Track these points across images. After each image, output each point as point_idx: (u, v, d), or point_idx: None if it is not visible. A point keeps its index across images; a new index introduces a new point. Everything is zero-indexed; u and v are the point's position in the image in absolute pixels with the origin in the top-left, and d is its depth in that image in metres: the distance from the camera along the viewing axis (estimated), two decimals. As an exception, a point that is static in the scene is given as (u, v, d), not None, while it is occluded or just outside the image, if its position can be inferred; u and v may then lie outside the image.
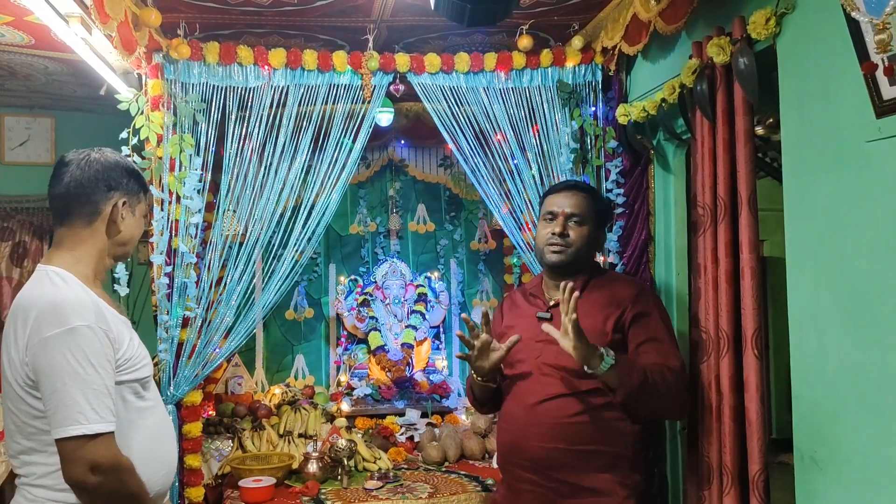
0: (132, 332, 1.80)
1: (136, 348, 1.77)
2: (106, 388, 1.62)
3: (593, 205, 2.41)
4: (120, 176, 1.81)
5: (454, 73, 3.10)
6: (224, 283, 2.95)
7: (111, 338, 1.66)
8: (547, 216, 2.40)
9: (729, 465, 2.18)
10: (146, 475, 1.71)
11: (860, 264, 1.72)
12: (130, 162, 1.89)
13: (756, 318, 2.12)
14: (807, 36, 1.91)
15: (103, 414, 1.60)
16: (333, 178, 3.04)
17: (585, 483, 2.21)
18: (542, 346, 2.28)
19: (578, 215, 2.36)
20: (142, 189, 1.88)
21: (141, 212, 1.88)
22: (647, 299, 2.34)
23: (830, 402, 1.84)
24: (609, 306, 2.30)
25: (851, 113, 1.73)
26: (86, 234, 1.78)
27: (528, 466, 2.27)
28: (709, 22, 2.36)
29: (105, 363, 1.63)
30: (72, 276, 1.72)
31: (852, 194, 1.75)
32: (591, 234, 2.39)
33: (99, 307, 1.68)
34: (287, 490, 3.02)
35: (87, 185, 1.76)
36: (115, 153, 1.86)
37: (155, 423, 1.80)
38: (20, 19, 2.75)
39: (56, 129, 4.46)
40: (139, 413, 1.75)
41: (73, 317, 1.61)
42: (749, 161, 2.14)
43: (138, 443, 1.73)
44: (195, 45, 2.87)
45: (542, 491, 2.24)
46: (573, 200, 2.38)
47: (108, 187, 1.78)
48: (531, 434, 2.25)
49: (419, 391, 4.00)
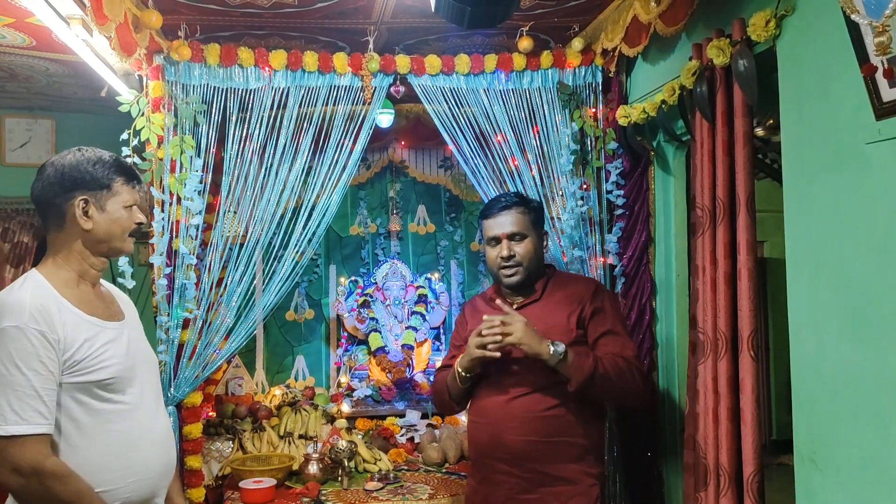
0: (103, 334, 1.74)
1: (97, 349, 1.71)
2: (34, 390, 1.60)
3: (528, 215, 2.48)
4: (80, 175, 1.77)
5: (454, 75, 3.10)
6: (224, 284, 2.95)
7: (51, 339, 1.63)
8: (491, 241, 2.50)
9: (726, 466, 2.18)
10: (108, 482, 1.68)
11: (859, 265, 1.73)
12: (97, 156, 1.82)
13: (752, 320, 2.12)
14: (806, 38, 1.91)
15: (27, 416, 1.58)
16: (334, 179, 3.05)
17: (556, 472, 2.34)
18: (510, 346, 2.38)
19: (519, 233, 2.45)
20: (110, 182, 1.80)
21: (118, 204, 1.81)
22: (603, 295, 2.48)
23: (830, 403, 1.84)
24: (570, 304, 2.43)
25: (851, 115, 1.74)
26: (61, 238, 1.79)
27: (505, 459, 2.37)
28: (708, 24, 2.36)
29: (37, 364, 1.61)
30: (42, 279, 1.72)
31: (852, 196, 1.75)
32: (535, 243, 2.48)
33: (46, 309, 1.65)
34: (287, 491, 3.02)
35: (47, 192, 1.77)
36: (82, 151, 1.82)
37: (126, 427, 1.75)
38: (21, 21, 2.75)
39: (56, 130, 4.46)
40: (103, 416, 1.71)
41: (5, 317, 1.61)
42: (748, 163, 2.15)
43: (100, 447, 1.69)
44: (196, 47, 2.87)
45: (517, 481, 2.36)
46: (509, 219, 2.46)
47: (67, 189, 1.76)
48: (507, 428, 2.36)
49: (419, 392, 3.99)
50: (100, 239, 1.80)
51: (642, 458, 2.99)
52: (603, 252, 3.09)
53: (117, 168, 1.83)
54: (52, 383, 1.63)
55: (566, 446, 2.34)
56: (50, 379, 1.62)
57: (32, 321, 1.62)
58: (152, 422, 1.84)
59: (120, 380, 1.75)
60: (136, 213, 1.87)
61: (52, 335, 1.64)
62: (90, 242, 1.80)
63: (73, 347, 1.67)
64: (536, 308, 2.44)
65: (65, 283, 1.75)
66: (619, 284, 3.05)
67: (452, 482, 3.06)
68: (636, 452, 3.00)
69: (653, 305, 3.01)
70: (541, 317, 2.39)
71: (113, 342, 1.76)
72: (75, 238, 1.78)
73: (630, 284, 3.03)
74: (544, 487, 2.33)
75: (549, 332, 2.32)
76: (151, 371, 1.93)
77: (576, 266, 3.04)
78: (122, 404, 1.75)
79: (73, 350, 1.67)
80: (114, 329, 1.79)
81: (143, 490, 1.77)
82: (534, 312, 2.40)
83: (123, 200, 1.83)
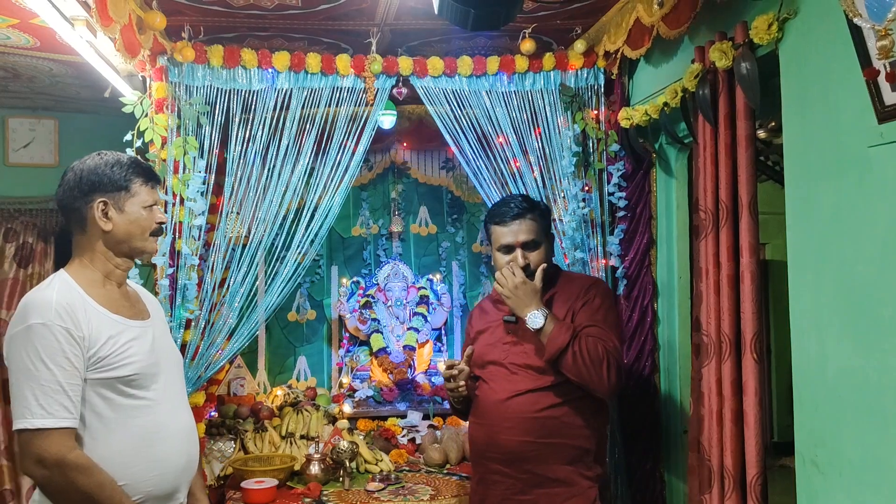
0: (127, 332, 1.79)
1: (120, 346, 1.76)
2: (60, 385, 1.65)
3: (539, 221, 2.45)
4: (98, 178, 1.82)
5: (457, 77, 3.11)
6: (227, 285, 2.96)
7: (76, 336, 1.69)
8: (502, 249, 2.45)
9: (730, 469, 2.19)
10: (129, 476, 1.72)
11: (861, 268, 1.73)
12: (115, 158, 1.87)
13: (755, 322, 2.12)
14: (809, 41, 1.91)
15: (52, 410, 1.63)
16: (336, 180, 3.06)
17: (552, 474, 2.32)
18: (510, 346, 2.43)
19: (533, 241, 2.42)
20: (128, 183, 1.84)
21: (137, 205, 1.86)
22: (596, 290, 2.46)
23: (831, 406, 1.84)
24: (568, 301, 2.44)
25: (853, 118, 1.74)
26: (84, 240, 1.85)
27: (501, 459, 2.37)
28: (711, 27, 2.36)
29: (63, 360, 1.66)
30: (69, 279, 1.78)
31: (853, 199, 1.75)
32: (547, 248, 2.47)
33: (71, 307, 1.70)
34: (289, 492, 3.02)
35: (68, 196, 1.83)
36: (101, 155, 1.87)
37: (149, 422, 1.79)
38: (25, 22, 2.76)
39: (60, 131, 4.45)
40: (126, 411, 1.76)
41: (32, 315, 1.67)
42: (750, 165, 2.15)
43: (122, 441, 1.74)
44: (199, 48, 2.88)
45: (513, 482, 2.36)
46: (522, 227, 2.42)
47: (85, 192, 1.82)
48: (503, 428, 2.36)
49: (421, 393, 4.00)
50: (120, 239, 1.85)
51: (644, 459, 2.99)
52: (604, 254, 3.09)
53: (135, 170, 1.88)
54: (76, 378, 1.68)
55: (561, 447, 2.33)
56: (75, 374, 1.68)
57: (58, 318, 1.67)
58: (175, 418, 1.89)
59: (143, 376, 1.80)
60: (157, 213, 1.92)
61: (77, 332, 1.69)
62: (111, 243, 1.85)
63: (97, 344, 1.72)
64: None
65: (91, 283, 1.81)
66: (621, 286, 3.06)
67: (454, 483, 3.06)
68: (638, 454, 3.00)
69: (654, 308, 3.02)
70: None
71: (137, 340, 1.81)
72: (97, 239, 1.84)
73: (632, 286, 3.03)
74: (539, 489, 2.33)
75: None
76: (176, 368, 1.99)
77: (577, 268, 3.05)
78: (145, 400, 1.80)
79: (97, 347, 1.72)
80: (138, 327, 1.85)
81: (165, 484, 1.82)
82: None
83: (142, 201, 1.87)
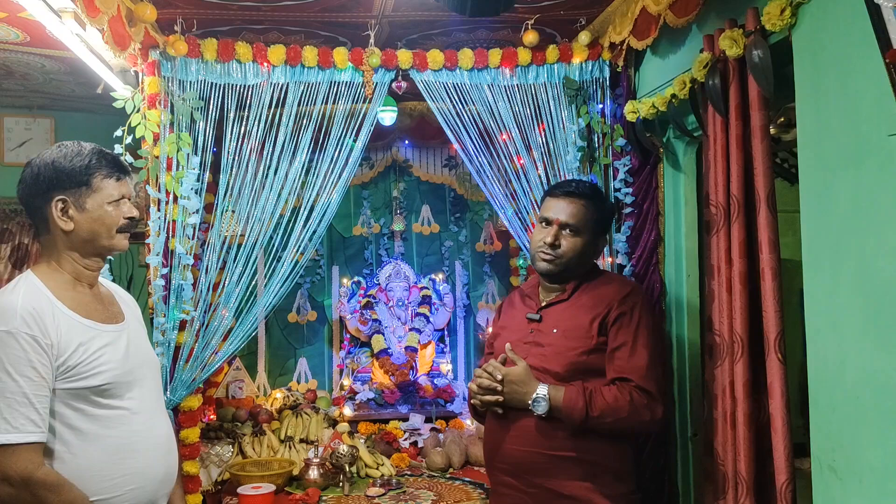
0: (99, 338, 1.69)
1: (92, 354, 1.66)
2: (26, 397, 1.55)
3: (592, 213, 2.34)
4: (55, 173, 1.70)
5: (458, 70, 3.03)
6: (222, 285, 2.89)
7: (44, 344, 1.59)
8: (543, 221, 2.37)
9: (744, 473, 2.10)
10: (105, 490, 1.64)
11: (882, 264, 1.65)
12: (76, 150, 1.74)
13: (779, 321, 2.03)
14: (824, 25, 1.83)
15: (18, 424, 1.54)
16: (334, 177, 2.99)
17: (562, 490, 2.17)
18: (529, 347, 2.29)
19: (573, 226, 2.31)
20: (88, 178, 1.72)
21: (100, 201, 1.73)
22: (633, 300, 2.28)
23: (850, 409, 1.76)
24: (596, 307, 2.27)
25: (872, 105, 1.66)
26: (50, 240, 1.74)
27: (507, 470, 2.25)
28: (720, 14, 2.28)
29: (29, 371, 1.56)
30: (36, 281, 1.67)
31: (873, 191, 1.67)
32: (587, 244, 2.34)
33: (38, 312, 1.60)
34: (287, 497, 2.96)
35: (27, 194, 1.73)
36: (61, 147, 1.74)
37: (125, 433, 1.70)
38: (14, 15, 2.70)
39: (55, 129, 4.42)
40: (100, 422, 1.66)
41: None
42: (766, 157, 2.06)
43: (97, 454, 1.65)
44: (192, 42, 2.81)
45: (521, 496, 2.23)
46: (570, 209, 2.32)
47: (43, 190, 1.71)
48: (510, 437, 2.24)
49: (423, 395, 3.94)
50: (85, 239, 1.74)
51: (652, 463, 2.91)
52: (611, 251, 3.02)
53: (98, 162, 1.75)
54: (44, 389, 1.58)
55: (572, 462, 2.16)
56: (42, 385, 1.58)
57: (24, 325, 1.57)
58: (152, 427, 1.79)
59: (117, 385, 1.70)
60: (125, 208, 1.78)
61: (44, 340, 1.59)
62: (76, 243, 1.74)
63: (66, 352, 1.62)
64: (561, 308, 2.34)
65: (59, 286, 1.70)
66: (628, 285, 2.98)
67: (456, 488, 3.00)
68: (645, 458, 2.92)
69: (663, 306, 2.94)
70: (563, 319, 2.30)
71: (110, 346, 1.71)
72: (60, 240, 1.73)
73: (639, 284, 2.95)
74: None
75: (569, 335, 2.23)
76: (152, 374, 1.88)
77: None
78: (120, 409, 1.70)
79: (66, 355, 1.62)
80: (112, 332, 1.74)
81: (143, 497, 1.73)
82: (557, 313, 2.32)
83: (107, 196, 1.75)
